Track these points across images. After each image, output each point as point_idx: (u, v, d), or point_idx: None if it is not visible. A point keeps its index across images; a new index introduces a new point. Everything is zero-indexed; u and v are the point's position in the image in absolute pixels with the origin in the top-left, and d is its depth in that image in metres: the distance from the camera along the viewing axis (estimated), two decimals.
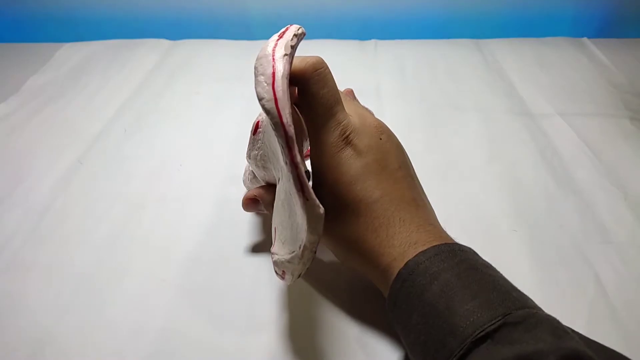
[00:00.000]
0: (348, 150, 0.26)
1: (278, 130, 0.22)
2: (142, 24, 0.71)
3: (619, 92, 0.53)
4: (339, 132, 0.26)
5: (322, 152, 0.27)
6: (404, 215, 0.26)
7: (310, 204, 0.23)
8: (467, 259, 0.24)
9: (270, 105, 0.22)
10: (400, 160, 0.28)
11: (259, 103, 0.22)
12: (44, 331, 0.29)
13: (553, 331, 0.20)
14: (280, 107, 0.22)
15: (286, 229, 0.27)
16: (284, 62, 0.23)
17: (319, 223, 0.23)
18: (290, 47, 0.24)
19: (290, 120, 0.22)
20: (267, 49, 0.23)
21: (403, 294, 0.24)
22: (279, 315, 0.30)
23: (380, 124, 0.29)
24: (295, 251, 0.24)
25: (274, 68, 0.23)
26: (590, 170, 0.42)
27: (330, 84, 0.26)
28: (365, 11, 0.70)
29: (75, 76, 0.59)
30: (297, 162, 0.22)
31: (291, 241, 0.26)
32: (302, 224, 0.24)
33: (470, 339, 0.20)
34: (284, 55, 0.23)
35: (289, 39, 0.24)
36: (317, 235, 0.23)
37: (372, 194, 0.26)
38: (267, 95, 0.22)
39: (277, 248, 0.28)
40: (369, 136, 0.27)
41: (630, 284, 0.31)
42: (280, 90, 0.22)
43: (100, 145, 0.47)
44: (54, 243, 0.36)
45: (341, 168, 0.26)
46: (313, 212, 0.23)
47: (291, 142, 0.22)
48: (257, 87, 0.23)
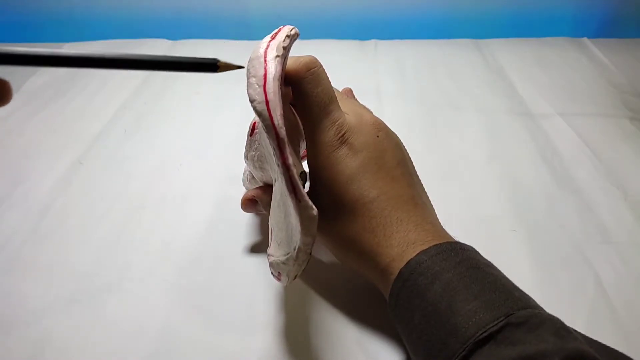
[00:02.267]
0: (344, 149, 0.26)
1: (269, 132, 0.22)
2: (142, 24, 0.71)
3: (619, 92, 0.53)
4: (334, 131, 0.26)
5: (318, 152, 0.27)
6: (402, 215, 0.26)
7: (303, 205, 0.23)
8: (469, 258, 0.24)
9: (261, 107, 0.22)
10: (399, 158, 0.28)
11: (251, 105, 0.22)
12: (44, 331, 0.29)
13: (556, 331, 0.20)
14: (272, 109, 0.22)
15: (282, 230, 0.27)
16: (276, 64, 0.23)
17: (312, 224, 0.23)
18: (282, 49, 0.23)
19: (281, 122, 0.22)
20: (259, 51, 0.23)
21: (404, 293, 0.24)
22: (278, 315, 0.30)
23: (377, 121, 0.28)
24: (290, 253, 0.24)
25: (265, 70, 0.22)
26: (590, 170, 0.42)
27: (324, 83, 0.26)
28: (365, 11, 0.70)
29: (75, 76, 0.59)
30: (289, 164, 0.22)
31: (286, 243, 0.25)
32: (296, 226, 0.23)
33: (473, 339, 0.20)
34: (276, 57, 0.23)
35: (281, 40, 0.24)
36: (310, 237, 0.23)
37: (368, 193, 0.26)
38: (258, 97, 0.22)
39: (273, 249, 0.27)
40: (365, 134, 0.27)
41: (630, 284, 0.31)
42: (271, 92, 0.22)
43: (100, 145, 0.47)
44: (54, 243, 0.36)
45: (337, 167, 0.26)
46: (306, 214, 0.23)
47: (282, 144, 0.22)
48: (248, 89, 0.23)
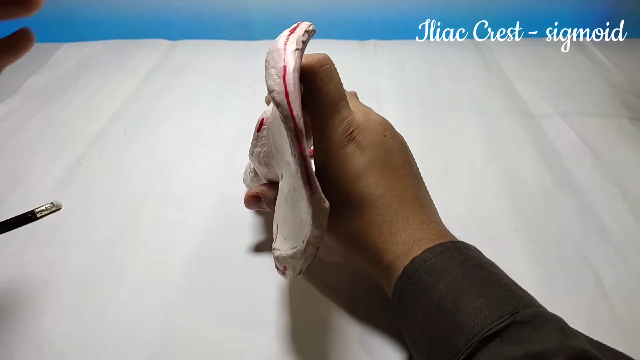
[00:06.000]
0: (352, 146, 0.27)
1: (288, 123, 0.22)
2: (142, 24, 0.71)
3: (619, 92, 0.53)
4: (343, 128, 0.27)
5: (326, 148, 0.27)
6: (407, 213, 0.26)
7: (317, 197, 0.23)
8: (473, 257, 0.24)
9: (280, 97, 0.22)
10: (404, 158, 0.28)
11: (269, 95, 0.23)
12: (44, 332, 0.29)
13: (561, 330, 0.20)
14: (291, 100, 0.22)
15: (288, 224, 0.27)
16: (295, 56, 0.23)
17: (323, 217, 0.23)
18: (301, 42, 0.24)
19: (300, 113, 0.22)
20: (279, 43, 0.24)
21: (408, 290, 0.24)
22: (280, 315, 0.30)
23: (384, 121, 0.29)
24: (298, 246, 0.24)
25: (285, 61, 0.23)
26: (590, 170, 0.42)
27: (336, 80, 0.27)
28: (365, 11, 0.70)
29: (75, 76, 0.59)
30: (305, 155, 0.23)
31: (293, 237, 0.26)
32: (306, 219, 0.24)
33: (478, 337, 0.20)
34: (296, 50, 0.23)
35: (300, 34, 0.24)
36: (321, 230, 0.24)
37: (375, 191, 0.26)
38: (277, 88, 0.22)
39: (278, 244, 0.28)
40: (373, 133, 0.27)
41: (630, 284, 0.31)
42: (291, 83, 0.22)
43: (100, 145, 0.47)
44: (54, 243, 0.36)
45: (344, 164, 0.26)
46: (318, 206, 0.23)
47: (300, 135, 0.22)
48: (267, 79, 0.23)
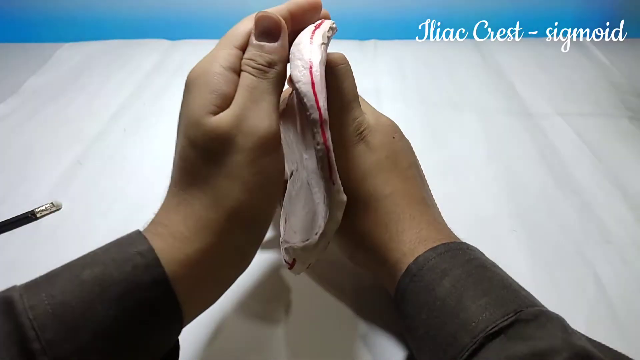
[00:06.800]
0: (362, 145, 0.27)
1: (314, 112, 0.23)
2: (142, 24, 0.71)
3: (619, 92, 0.53)
4: (355, 127, 0.27)
5: (336, 146, 0.27)
6: (414, 213, 0.26)
7: (336, 189, 0.24)
8: (476, 258, 0.24)
9: (307, 88, 0.23)
10: (411, 160, 0.29)
11: (295, 86, 0.23)
12: None
13: (564, 329, 0.20)
14: (317, 91, 0.23)
15: (299, 218, 0.27)
16: (322, 50, 0.23)
17: (340, 210, 0.24)
18: (327, 37, 0.24)
19: (325, 104, 0.23)
20: (305, 37, 0.24)
21: (412, 288, 0.24)
22: (283, 313, 0.30)
23: (393, 124, 0.30)
24: (310, 239, 0.25)
25: (311, 54, 0.23)
26: (590, 170, 0.42)
27: (350, 79, 0.27)
28: (365, 11, 0.70)
29: (75, 76, 0.59)
30: (329, 146, 0.23)
31: (304, 230, 0.26)
32: (321, 212, 0.24)
33: (483, 334, 0.20)
34: (322, 44, 0.24)
35: (325, 30, 0.25)
36: (336, 223, 0.24)
37: (383, 190, 0.27)
38: (304, 79, 0.23)
39: (288, 236, 0.28)
40: (382, 134, 0.28)
41: (630, 284, 0.31)
42: (317, 74, 0.23)
43: (100, 145, 0.47)
44: (54, 243, 0.36)
45: (353, 162, 0.27)
46: (336, 198, 0.24)
47: (325, 125, 0.23)
48: (293, 70, 0.23)
